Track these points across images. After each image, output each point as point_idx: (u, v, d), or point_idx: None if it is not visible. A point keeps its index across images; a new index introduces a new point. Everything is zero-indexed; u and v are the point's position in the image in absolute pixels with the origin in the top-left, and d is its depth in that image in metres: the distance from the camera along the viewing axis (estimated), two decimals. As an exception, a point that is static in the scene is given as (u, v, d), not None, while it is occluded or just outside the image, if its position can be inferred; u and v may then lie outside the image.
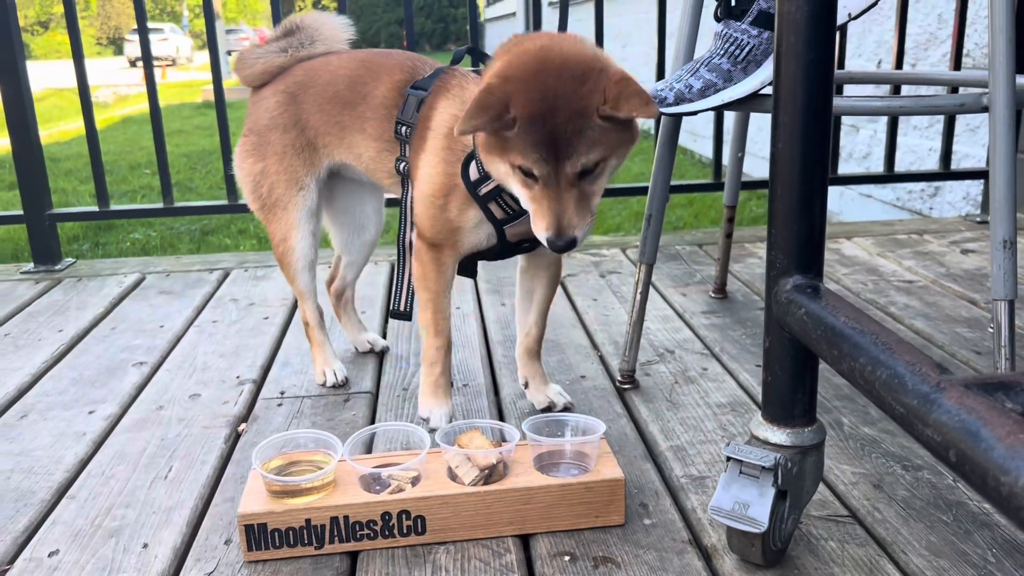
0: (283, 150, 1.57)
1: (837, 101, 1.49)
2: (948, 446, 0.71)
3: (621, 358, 1.70)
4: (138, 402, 1.68)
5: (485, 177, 1.31)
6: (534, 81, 1.14)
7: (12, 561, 1.18)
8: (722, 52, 1.37)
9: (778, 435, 1.10)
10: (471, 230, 1.37)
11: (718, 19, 1.41)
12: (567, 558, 1.15)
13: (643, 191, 2.27)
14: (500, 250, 1.42)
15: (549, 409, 1.55)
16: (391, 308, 1.47)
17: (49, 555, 1.19)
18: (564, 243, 1.18)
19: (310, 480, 1.16)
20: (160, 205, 2.71)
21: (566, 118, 1.14)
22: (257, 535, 1.14)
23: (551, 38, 1.21)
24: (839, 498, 1.28)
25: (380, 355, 1.88)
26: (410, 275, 1.46)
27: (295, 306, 2.22)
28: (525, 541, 1.20)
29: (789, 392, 1.09)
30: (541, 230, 1.19)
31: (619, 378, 1.70)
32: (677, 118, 1.55)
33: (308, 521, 1.15)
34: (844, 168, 4.58)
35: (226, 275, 2.53)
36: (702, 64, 1.39)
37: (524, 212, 1.26)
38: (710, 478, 1.34)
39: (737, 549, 1.13)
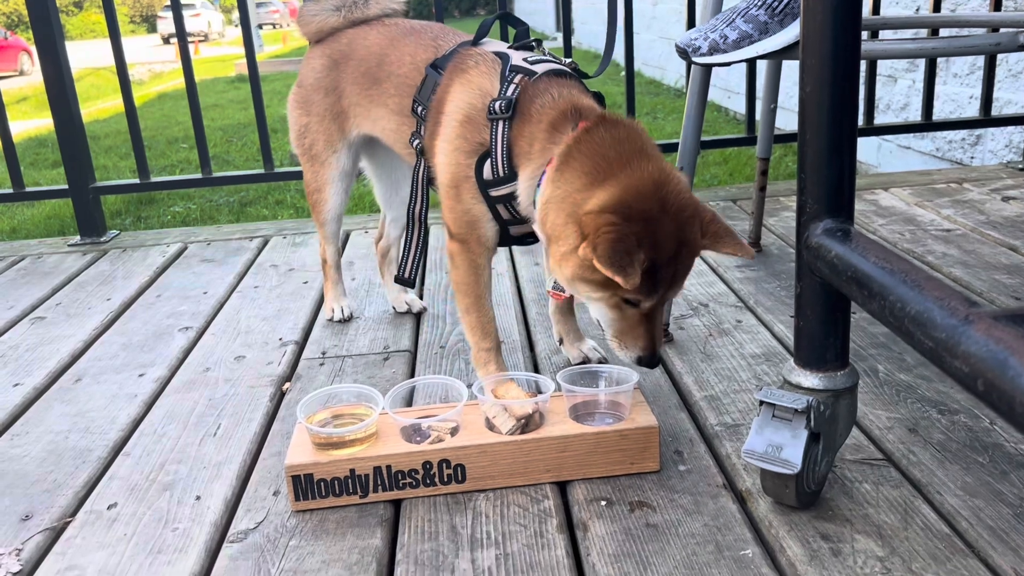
0: (323, 112, 1.65)
1: (870, 45, 1.47)
2: (976, 376, 0.72)
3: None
4: (185, 365, 1.73)
5: (500, 180, 1.30)
6: (660, 226, 1.13)
7: (74, 514, 1.24)
8: (760, 3, 1.36)
9: (811, 379, 1.11)
10: (486, 222, 1.36)
11: (755, -32, 1.40)
12: (603, 503, 1.18)
13: (676, 148, 2.26)
14: (503, 243, 1.43)
15: (584, 363, 1.58)
16: (397, 274, 1.50)
17: (108, 508, 1.25)
18: (656, 362, 1.23)
19: (353, 431, 1.20)
20: (199, 175, 2.76)
21: (685, 260, 1.17)
22: (304, 486, 1.19)
23: (639, 157, 1.18)
24: (874, 442, 1.29)
25: (418, 316, 1.91)
26: (417, 244, 1.48)
27: (333, 270, 2.26)
28: (562, 488, 1.23)
29: (821, 336, 1.10)
30: (635, 350, 1.22)
31: (653, 331, 1.71)
32: (708, 68, 1.55)
33: (352, 471, 1.19)
34: (881, 120, 4.50)
35: (265, 242, 2.58)
36: (738, 14, 1.38)
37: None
38: (744, 425, 1.36)
39: (771, 492, 1.15)
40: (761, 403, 1.10)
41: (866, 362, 1.55)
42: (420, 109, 1.42)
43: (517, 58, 1.34)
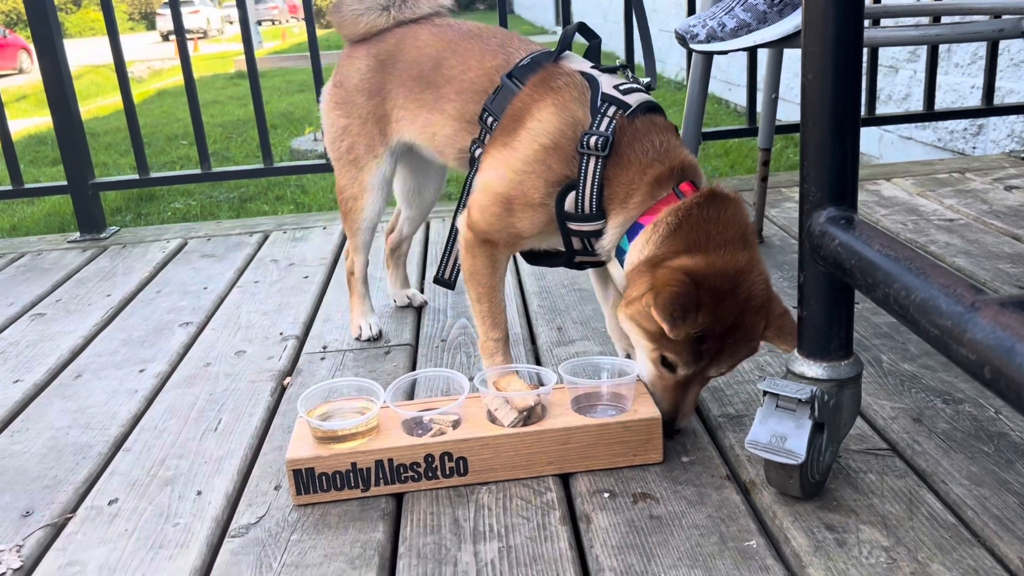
0: (366, 115, 1.57)
1: (872, 32, 1.46)
2: (983, 363, 0.72)
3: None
4: (186, 360, 1.73)
5: (584, 217, 1.26)
6: (724, 303, 1.14)
7: (74, 510, 1.24)
8: (761, -10, 1.36)
9: (815, 369, 1.10)
10: (531, 239, 1.33)
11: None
12: (607, 495, 1.17)
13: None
14: (560, 263, 1.41)
15: None
16: (437, 274, 1.47)
17: (109, 503, 1.24)
18: (671, 433, 1.26)
19: (354, 425, 1.19)
20: (198, 171, 2.75)
21: (737, 344, 1.18)
22: (305, 479, 1.18)
23: (736, 243, 1.19)
24: (878, 432, 1.29)
25: (418, 310, 1.90)
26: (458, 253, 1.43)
27: (334, 265, 2.26)
28: (565, 480, 1.23)
29: (824, 326, 1.09)
30: (663, 411, 1.23)
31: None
32: (709, 58, 1.54)
33: (354, 465, 1.19)
34: (883, 111, 4.48)
35: (265, 237, 2.57)
36: (738, 3, 1.37)
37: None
38: (747, 416, 1.35)
39: (775, 483, 1.14)
40: (765, 393, 1.09)
41: (870, 352, 1.54)
42: (491, 119, 1.36)
43: (607, 84, 1.29)
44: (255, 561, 1.09)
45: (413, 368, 1.63)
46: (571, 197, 1.25)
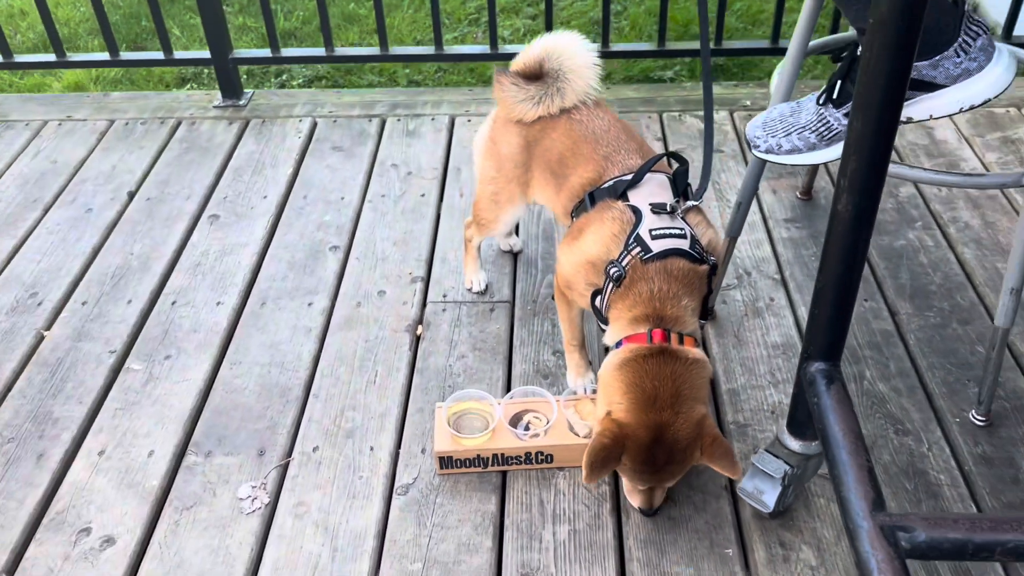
0: (511, 178, 1.98)
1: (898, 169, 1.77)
2: (860, 565, 1.25)
3: (705, 289, 2.18)
4: (341, 296, 2.28)
5: (599, 316, 1.71)
6: (650, 451, 1.54)
7: (290, 453, 1.88)
8: (815, 128, 1.67)
9: (794, 444, 1.63)
10: (582, 305, 1.81)
11: (819, 103, 1.68)
12: (642, 493, 1.77)
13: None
14: None
15: None
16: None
17: (313, 450, 1.88)
18: (648, 515, 1.71)
19: (480, 437, 1.77)
20: (323, 52, 3.08)
21: (670, 470, 1.58)
22: (446, 461, 1.79)
23: (673, 396, 1.54)
24: (839, 456, 1.83)
25: (515, 256, 2.39)
26: None
27: (444, 179, 2.70)
28: (615, 473, 1.82)
29: (805, 419, 1.60)
30: (638, 506, 1.70)
31: (701, 309, 2.19)
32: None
33: (478, 455, 1.79)
34: None
35: (383, 124, 2.98)
36: (796, 130, 1.69)
37: None
38: (751, 426, 1.90)
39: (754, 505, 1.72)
40: (753, 464, 1.64)
41: (857, 365, 2.03)
42: (574, 217, 1.80)
43: (646, 225, 1.64)
44: (415, 519, 1.73)
45: (512, 328, 2.17)
46: (598, 299, 1.71)
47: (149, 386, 2.04)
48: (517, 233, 2.48)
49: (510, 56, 2.04)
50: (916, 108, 1.63)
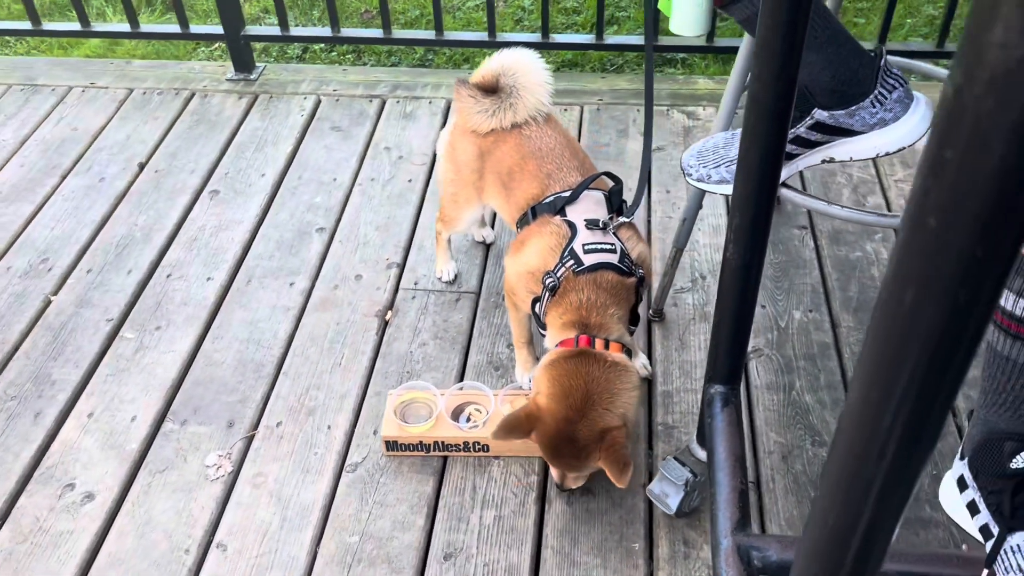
0: (468, 182, 2.12)
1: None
2: (713, 577, 1.41)
3: (656, 291, 2.30)
4: (321, 278, 2.45)
5: (539, 323, 1.89)
6: (551, 439, 1.72)
7: (256, 427, 2.08)
8: (739, 161, 1.78)
9: (700, 453, 1.77)
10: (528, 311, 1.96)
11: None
12: (566, 485, 1.94)
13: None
14: None
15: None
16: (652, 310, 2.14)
17: (277, 425, 2.08)
18: (563, 490, 1.88)
19: (424, 426, 1.95)
20: (329, 32, 3.21)
21: (572, 466, 1.77)
22: (392, 445, 1.98)
23: (584, 398, 1.71)
24: (756, 463, 1.98)
25: (487, 247, 2.53)
26: None
27: (432, 167, 2.84)
28: (545, 465, 1.98)
29: (712, 433, 1.74)
30: (553, 476, 1.88)
31: (650, 311, 2.32)
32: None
33: (421, 441, 1.97)
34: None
35: (383, 105, 3.12)
36: (724, 163, 1.80)
37: None
38: (679, 428, 2.05)
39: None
40: (659, 470, 1.79)
41: (790, 375, 2.16)
42: (519, 228, 1.96)
43: (580, 240, 1.79)
44: (359, 496, 1.93)
45: (474, 320, 2.33)
46: (538, 305, 1.87)
47: (139, 355, 2.25)
48: (493, 226, 2.62)
49: (507, 44, 2.18)
50: (837, 150, 1.72)
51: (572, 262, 1.80)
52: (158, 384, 2.17)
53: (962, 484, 1.37)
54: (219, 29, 3.21)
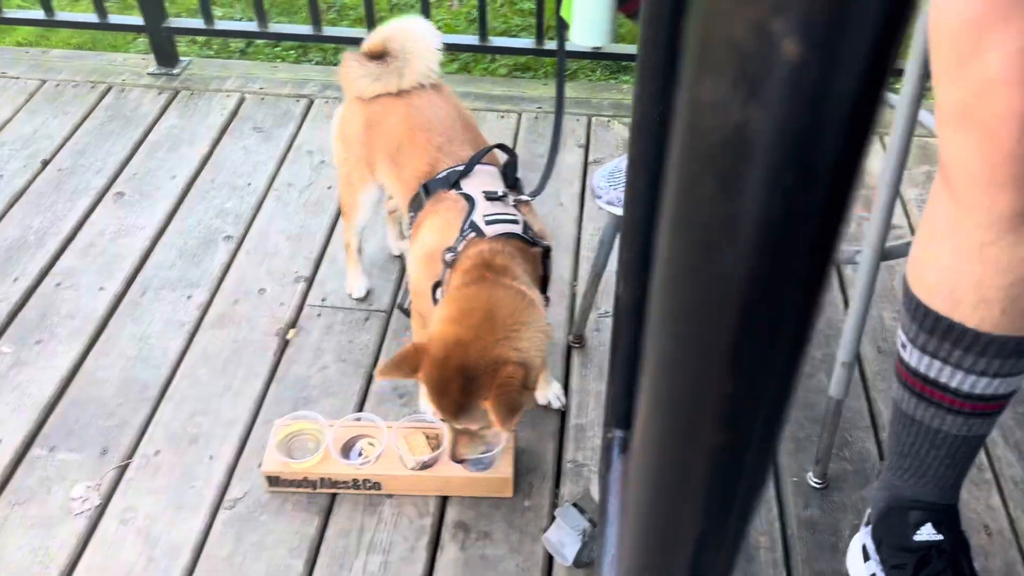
0: (359, 158, 1.98)
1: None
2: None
3: (577, 315, 2.16)
4: (221, 291, 2.29)
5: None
6: (437, 372, 1.53)
7: (131, 456, 1.91)
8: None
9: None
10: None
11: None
12: (462, 529, 1.79)
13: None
14: None
15: (546, 407, 2.02)
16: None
17: (155, 454, 1.91)
18: (459, 462, 1.70)
19: (309, 461, 1.79)
20: (256, 28, 3.04)
21: (452, 405, 1.56)
22: (274, 480, 1.82)
23: (483, 316, 1.52)
24: (667, 506, 1.83)
25: (404, 264, 2.38)
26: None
27: (355, 173, 2.68)
28: (444, 501, 1.83)
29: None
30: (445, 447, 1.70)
31: (570, 336, 2.17)
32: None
33: (306, 477, 1.81)
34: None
35: (310, 105, 2.95)
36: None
37: None
38: (588, 467, 1.90)
39: (568, 548, 1.74)
40: (556, 517, 1.65)
41: (713, 411, 2.02)
42: (411, 216, 1.80)
43: (480, 212, 1.66)
44: (235, 535, 1.77)
45: (382, 341, 2.17)
46: (439, 291, 1.71)
47: (14, 371, 2.07)
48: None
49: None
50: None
51: (473, 234, 1.66)
52: (31, 404, 2.00)
53: (866, 554, 1.23)
54: (139, 20, 3.03)
